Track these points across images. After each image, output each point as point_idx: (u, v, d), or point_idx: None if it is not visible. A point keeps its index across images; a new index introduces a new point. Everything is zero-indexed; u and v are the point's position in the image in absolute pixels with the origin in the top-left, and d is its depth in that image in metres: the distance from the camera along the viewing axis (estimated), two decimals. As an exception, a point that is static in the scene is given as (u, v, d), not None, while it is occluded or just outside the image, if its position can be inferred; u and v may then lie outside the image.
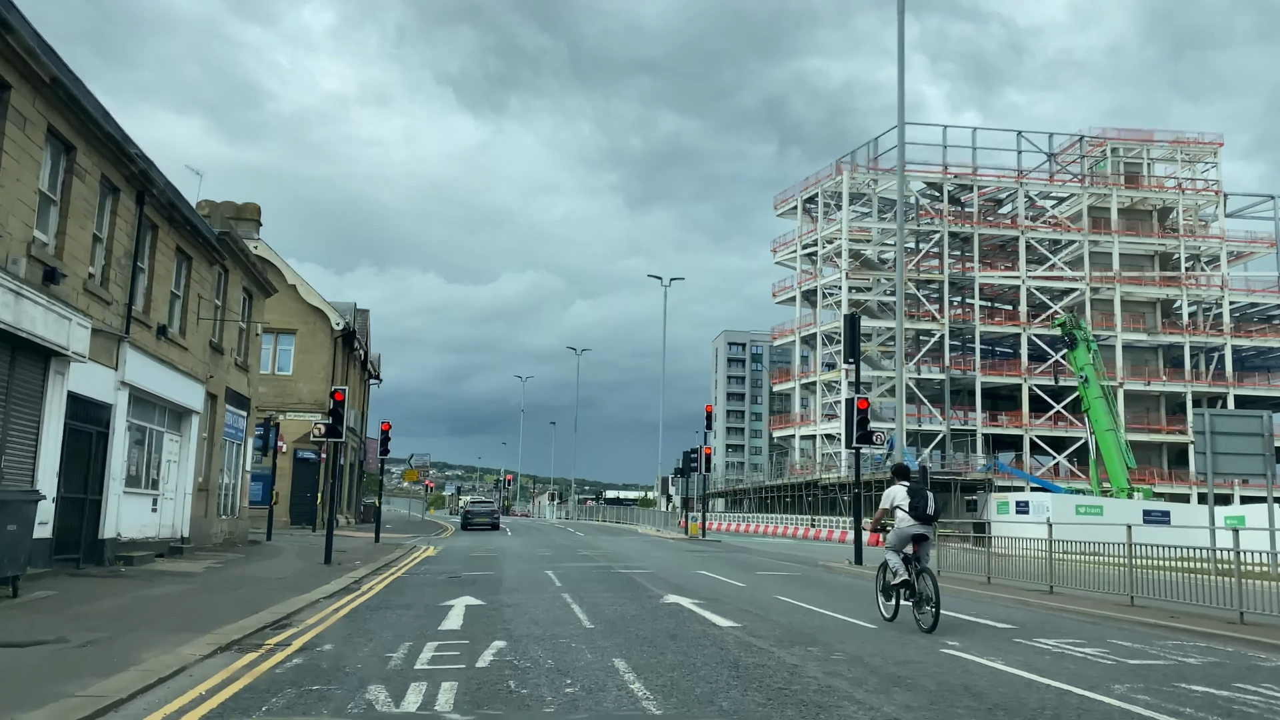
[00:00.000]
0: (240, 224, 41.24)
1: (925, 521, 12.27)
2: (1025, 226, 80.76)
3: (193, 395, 21.97)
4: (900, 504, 12.41)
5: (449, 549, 30.04)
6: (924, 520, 12.24)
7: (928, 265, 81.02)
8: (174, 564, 18.56)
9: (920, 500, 12.31)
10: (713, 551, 32.33)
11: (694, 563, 24.53)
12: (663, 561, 24.95)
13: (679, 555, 28.63)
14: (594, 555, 27.42)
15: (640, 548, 33.29)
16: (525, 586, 16.67)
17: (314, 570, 19.18)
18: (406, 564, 22.75)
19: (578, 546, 32.94)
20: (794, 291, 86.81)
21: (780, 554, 32.19)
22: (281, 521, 39.76)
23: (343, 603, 13.81)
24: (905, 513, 12.32)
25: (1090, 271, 79.25)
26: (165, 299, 20.04)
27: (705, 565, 23.58)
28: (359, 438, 54.39)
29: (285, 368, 41.37)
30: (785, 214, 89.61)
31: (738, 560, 25.98)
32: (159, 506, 20.59)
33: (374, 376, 58.36)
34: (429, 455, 64.41)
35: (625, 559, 25.99)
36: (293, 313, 41.41)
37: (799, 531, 55.35)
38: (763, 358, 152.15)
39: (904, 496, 12.38)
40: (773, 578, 19.90)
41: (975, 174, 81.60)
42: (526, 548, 31.51)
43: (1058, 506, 44.33)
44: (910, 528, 12.27)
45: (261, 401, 41.03)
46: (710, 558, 27.56)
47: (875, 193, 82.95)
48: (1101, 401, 61.79)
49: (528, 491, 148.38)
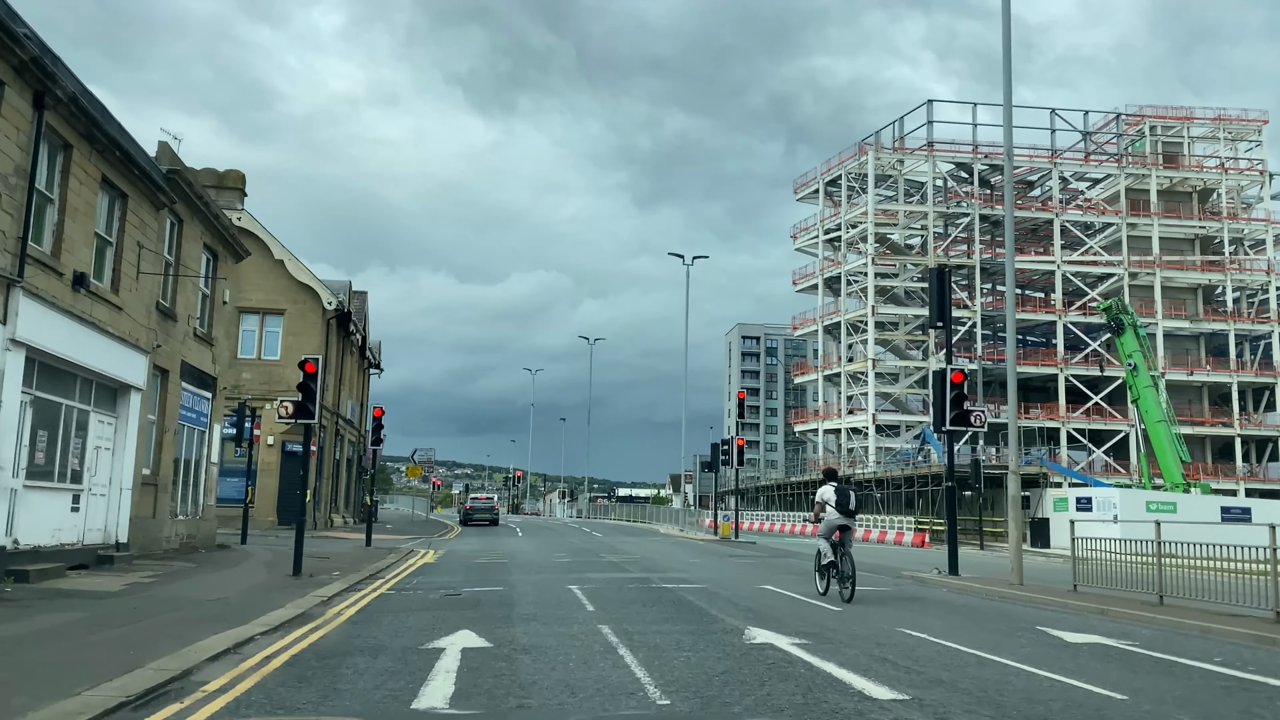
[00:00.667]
0: (222, 193, 37.11)
1: (848, 515, 14.92)
2: (1060, 209, 76.27)
3: (131, 366, 17.77)
4: (829, 500, 14.99)
5: (451, 554, 25.82)
6: (847, 514, 14.91)
7: (957, 250, 76.67)
8: (89, 579, 14.35)
9: (844, 498, 14.97)
10: (757, 556, 28.03)
11: (747, 573, 20.27)
12: (708, 571, 20.69)
13: (722, 562, 24.35)
14: (622, 562, 23.16)
15: (671, 551, 29.03)
16: (546, 612, 12.42)
17: (274, 586, 14.98)
18: (396, 575, 18.53)
19: (599, 550, 28.70)
20: (816, 279, 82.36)
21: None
22: (267, 522, 35.61)
23: (284, 643, 9.57)
24: (832, 508, 14.93)
25: (1129, 256, 74.77)
26: (86, 241, 15.83)
27: (764, 576, 19.31)
28: (357, 430, 50.20)
29: (273, 352, 37.19)
30: (806, 198, 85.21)
31: (794, 567, 21.70)
32: (83, 504, 16.40)
33: (374, 366, 54.11)
34: (433, 450, 60.25)
35: (661, 566, 21.75)
36: (280, 291, 37.23)
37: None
38: (778, 351, 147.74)
39: (832, 494, 14.99)
40: (858, 596, 15.63)
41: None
42: (540, 552, 27.29)
43: (1127, 503, 39.96)
44: (836, 520, 14.87)
45: (247, 389, 36.85)
46: (761, 565, 23.26)
47: (901, 174, 78.51)
48: (1151, 390, 57.32)
49: (537, 490, 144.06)
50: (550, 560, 23.40)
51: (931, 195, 76.53)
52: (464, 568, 20.63)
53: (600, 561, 23.14)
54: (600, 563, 22.69)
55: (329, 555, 22.11)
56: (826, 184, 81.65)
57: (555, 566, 21.24)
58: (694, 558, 25.75)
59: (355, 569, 18.61)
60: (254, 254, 37.51)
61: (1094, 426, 73.30)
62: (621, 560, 23.74)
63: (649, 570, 20.39)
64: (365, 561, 20.79)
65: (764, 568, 22.09)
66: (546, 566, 21.23)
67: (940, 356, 73.83)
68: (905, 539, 43.14)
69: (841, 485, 15.15)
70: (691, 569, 21.12)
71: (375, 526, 44.55)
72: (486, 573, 19.25)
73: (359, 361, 49.31)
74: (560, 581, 17.05)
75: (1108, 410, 72.48)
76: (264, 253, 36.95)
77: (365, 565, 19.66)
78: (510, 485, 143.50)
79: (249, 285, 37.05)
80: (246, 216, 36.57)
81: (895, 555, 32.43)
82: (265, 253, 36.93)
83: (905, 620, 11.98)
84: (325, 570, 17.86)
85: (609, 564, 22.28)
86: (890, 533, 44.89)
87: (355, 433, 49.88)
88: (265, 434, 36.18)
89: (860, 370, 75.75)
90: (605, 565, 21.83)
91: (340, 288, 38.63)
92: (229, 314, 25.57)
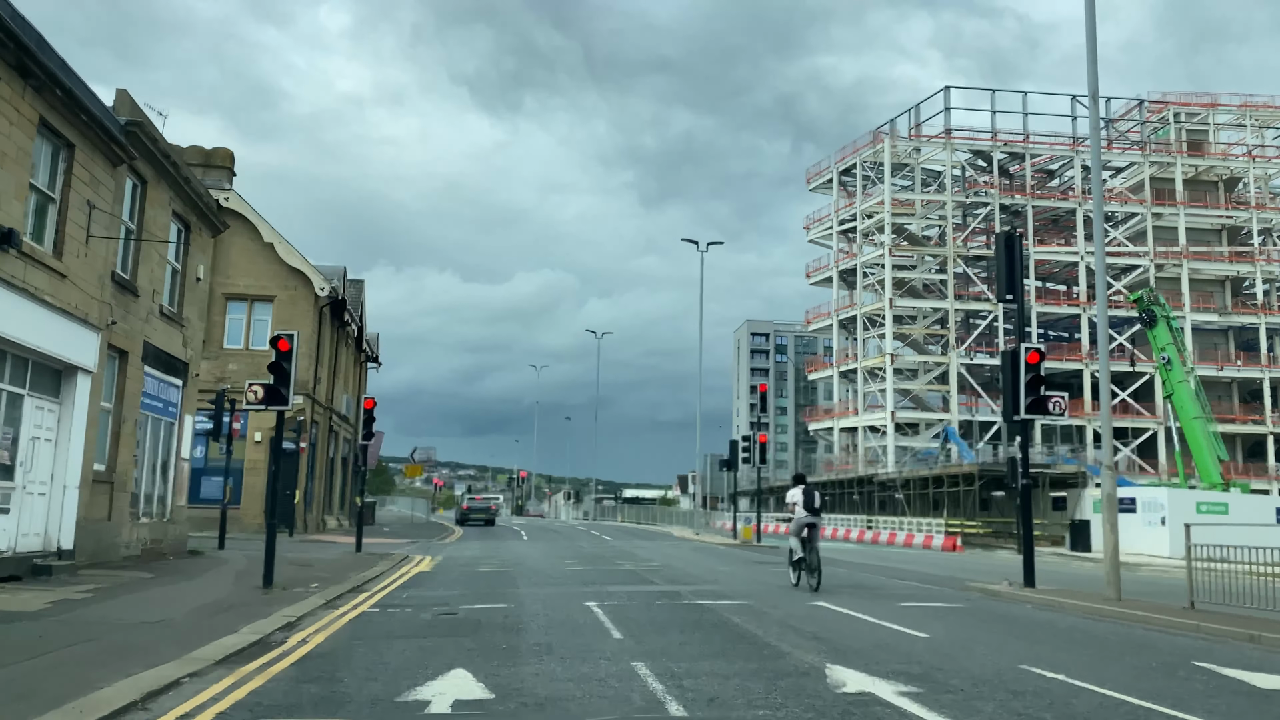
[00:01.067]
0: (209, 171, 34.77)
1: (814, 513, 16.36)
2: (1082, 198, 73.60)
3: (78, 344, 15.31)
4: (797, 500, 16.41)
5: (449, 561, 23.35)
6: (813, 513, 16.34)
7: (976, 242, 74.10)
8: (7, 596, 11.89)
9: (810, 499, 16.36)
10: (771, 559, 25.49)
11: (788, 584, 17.75)
12: (742, 582, 18.17)
13: (752, 570, 21.83)
14: (642, 571, 20.65)
15: (693, 558, 26.51)
16: (562, 641, 9.92)
17: (235, 603, 12.52)
18: (385, 587, 16.06)
19: (614, 556, 26.20)
20: (830, 271, 79.77)
21: (875, 566, 25.33)
22: (254, 524, 33.17)
23: (216, 690, 7.09)
24: (801, 507, 16.34)
25: (1154, 247, 72.12)
26: (17, 193, 13.35)
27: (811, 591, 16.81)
28: (353, 428, 47.76)
29: (262, 341, 34.67)
30: (819, 188, 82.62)
31: (843, 579, 19.15)
32: (14, 505, 13.93)
33: (372, 360, 51.63)
34: (434, 449, 57.85)
35: (688, 576, 19.24)
36: (270, 276, 34.79)
37: (853, 534, 48.57)
38: (788, 348, 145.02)
39: (800, 496, 16.36)
40: (935, 614, 13.11)
41: (1027, 141, 74.40)
42: (549, 558, 24.81)
43: (1176, 504, 37.35)
44: (804, 518, 16.30)
45: (234, 381, 34.44)
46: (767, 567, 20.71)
47: (918, 163, 75.93)
48: (1186, 386, 54.66)
49: (540, 491, 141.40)
50: (561, 569, 20.91)
51: (950, 184, 73.94)
52: (463, 578, 18.16)
53: (618, 571, 20.63)
54: (618, 572, 20.18)
55: (312, 562, 19.65)
56: (840, 173, 79.06)
57: (568, 577, 18.75)
58: (722, 565, 23.23)
59: (339, 579, 16.14)
60: (242, 237, 35.10)
61: (1120, 424, 70.59)
62: (641, 569, 21.23)
63: (675, 581, 17.90)
64: (352, 570, 18.32)
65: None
66: (558, 577, 18.75)
67: (961, 351, 71.34)
68: (935, 542, 40.64)
69: (808, 487, 16.54)
70: (723, 579, 18.63)
71: (371, 530, 42.07)
72: (489, 585, 16.77)
73: (355, 355, 46.87)
74: (575, 597, 14.56)
75: (1135, 407, 69.90)
76: (252, 236, 34.57)
77: (351, 575, 17.19)
78: (514, 485, 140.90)
79: (236, 270, 34.64)
80: (234, 197, 34.18)
81: (931, 561, 29.94)
82: (254, 236, 34.53)
83: (1021, 653, 9.44)
84: (303, 581, 15.40)
85: (628, 574, 19.77)
86: (918, 536, 42.39)
87: (351, 430, 47.43)
88: (253, 429, 33.77)
89: (878, 366, 73.18)
90: (624, 575, 19.34)
91: (334, 274, 36.17)
92: (204, 293, 23.14)
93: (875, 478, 56.02)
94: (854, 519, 51.55)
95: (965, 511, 47.29)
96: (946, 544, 39.73)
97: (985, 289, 73.25)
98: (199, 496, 34.05)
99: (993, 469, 42.23)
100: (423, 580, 17.48)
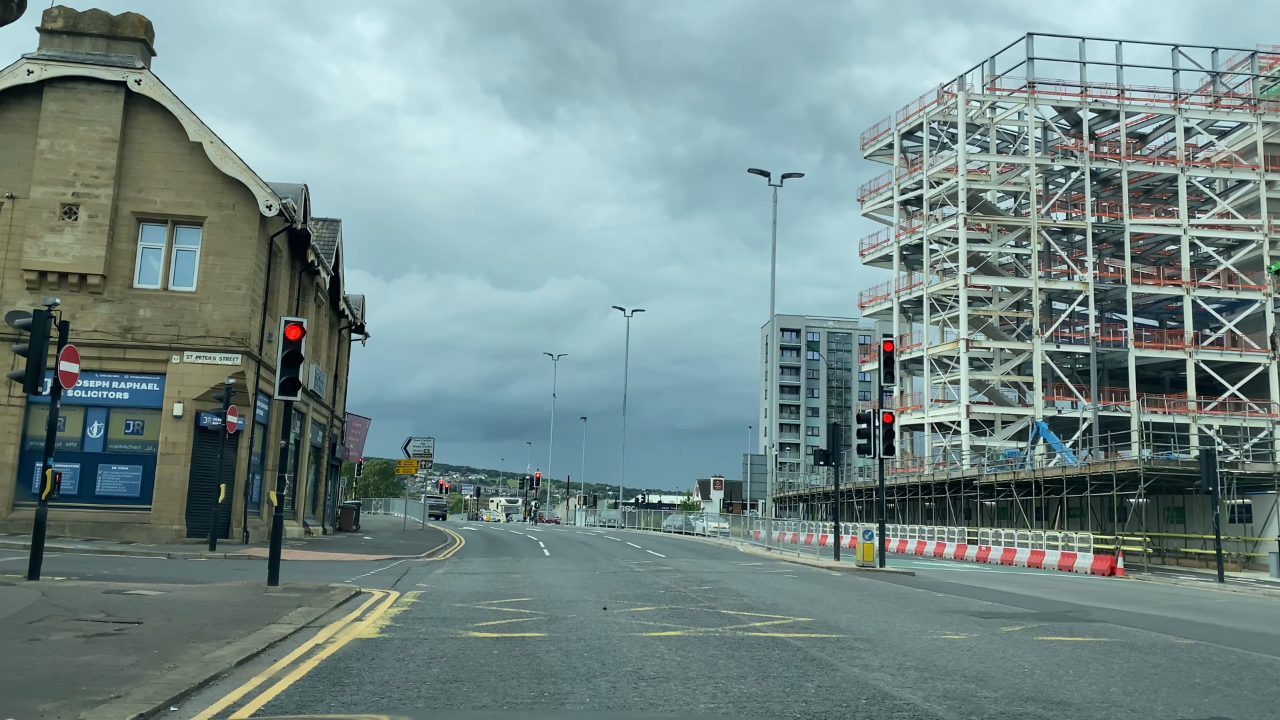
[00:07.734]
0: (115, 44, 25.51)
1: None
2: (1185, 163, 63.74)
3: None
4: None
5: (432, 599, 13.80)
6: None
7: (1060, 213, 64.42)
8: None
9: None
10: (993, 605, 15.79)
11: (1048, 660, 8.11)
12: (999, 662, 8.62)
13: (942, 621, 12.19)
14: (773, 629, 11.07)
15: (816, 593, 16.80)
16: None
17: None
18: (246, 708, 6.53)
19: (693, 591, 16.50)
20: (889, 248, 70.07)
21: (1113, 612, 15.57)
22: (171, 532, 23.80)
23: None
24: None
25: (1268, 219, 62.25)
26: None
27: (1087, 672, 7.21)
28: (329, 410, 38.31)
29: (186, 280, 25.32)
30: (875, 155, 72.97)
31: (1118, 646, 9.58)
32: None
33: (356, 329, 42.13)
34: (432, 439, 48.37)
35: (865, 640, 9.67)
36: (199, 190, 25.32)
37: (948, 549, 38.84)
38: (819, 345, 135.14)
39: None
40: None
41: (1122, 97, 64.52)
42: (594, 594, 15.23)
43: None
44: None
45: (147, 333, 25.26)
46: (1030, 636, 11.15)
47: (993, 123, 66.20)
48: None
49: (553, 496, 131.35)
50: (615, 620, 11.39)
51: (1033, 145, 64.17)
52: (438, 660, 8.61)
53: (737, 633, 10.99)
54: (743, 640, 10.51)
55: (141, 620, 10.10)
56: (902, 136, 69.41)
57: (635, 644, 9.31)
58: (901, 616, 13.46)
59: (143, 677, 6.65)
60: (162, 137, 25.62)
61: (1230, 422, 60.61)
62: (761, 618, 11.64)
63: (859, 658, 8.30)
64: (195, 641, 8.78)
65: (1086, 649, 9.99)
66: (617, 643, 9.36)
67: (1046, 336, 61.62)
68: (1080, 563, 30.94)
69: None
70: (952, 656, 9.06)
71: (346, 542, 32.62)
72: (495, 682, 7.25)
73: (331, 318, 37.38)
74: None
75: (1247, 403, 60.04)
76: (176, 133, 25.16)
77: (157, 669, 7.64)
78: (529, 486, 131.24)
79: (151, 180, 25.21)
80: (149, 79, 24.84)
81: (1101, 591, 20.21)
82: (177, 133, 25.11)
83: None
84: (73, 690, 5.89)
85: (767, 644, 10.14)
86: (1050, 554, 32.60)
87: (327, 413, 37.94)
88: (170, 400, 24.39)
89: (948, 354, 63.44)
90: (760, 646, 9.79)
91: (290, 192, 26.66)
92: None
93: (972, 480, 46.09)
94: (943, 530, 41.79)
95: (1100, 521, 37.57)
96: (1099, 565, 30.03)
97: (1072, 265, 63.55)
98: (100, 492, 24.81)
99: (1162, 470, 32.39)
100: (341, 680, 7.84)
